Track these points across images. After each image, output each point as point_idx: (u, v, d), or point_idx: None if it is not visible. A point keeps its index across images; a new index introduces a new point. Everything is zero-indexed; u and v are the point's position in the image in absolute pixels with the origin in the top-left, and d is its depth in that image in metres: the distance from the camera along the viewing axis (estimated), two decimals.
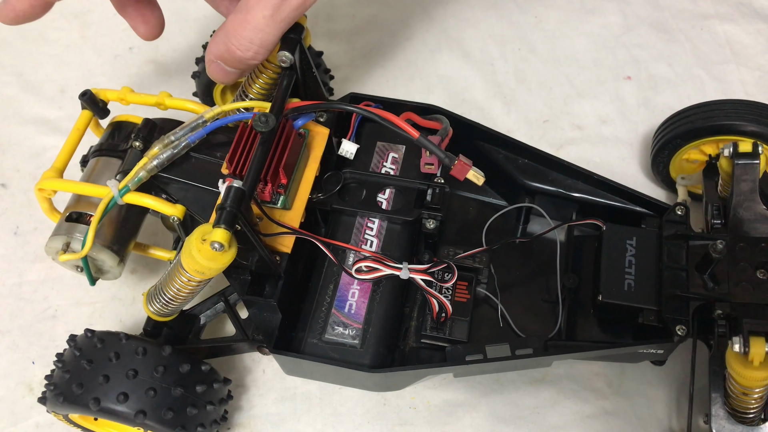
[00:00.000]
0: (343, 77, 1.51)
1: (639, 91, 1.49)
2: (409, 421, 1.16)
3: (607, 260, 1.03)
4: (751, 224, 0.99)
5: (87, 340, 1.00)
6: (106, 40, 1.58)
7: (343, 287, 1.03)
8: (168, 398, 0.96)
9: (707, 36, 1.55)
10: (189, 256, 0.83)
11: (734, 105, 1.14)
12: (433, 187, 1.05)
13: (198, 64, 1.30)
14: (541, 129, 1.45)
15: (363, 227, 1.05)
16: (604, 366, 1.19)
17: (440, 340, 1.03)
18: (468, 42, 1.57)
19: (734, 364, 0.89)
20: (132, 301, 1.27)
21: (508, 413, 1.16)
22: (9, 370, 1.22)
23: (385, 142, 1.12)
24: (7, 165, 1.42)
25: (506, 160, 1.15)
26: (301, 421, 1.17)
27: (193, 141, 1.00)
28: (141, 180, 0.98)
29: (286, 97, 1.00)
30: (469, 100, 1.49)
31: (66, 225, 1.02)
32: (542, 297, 1.12)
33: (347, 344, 0.99)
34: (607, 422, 1.15)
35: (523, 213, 1.16)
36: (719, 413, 0.97)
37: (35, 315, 1.27)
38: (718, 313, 0.93)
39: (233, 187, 0.85)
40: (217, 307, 1.14)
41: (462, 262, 1.06)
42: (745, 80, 1.48)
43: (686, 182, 1.21)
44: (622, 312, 1.01)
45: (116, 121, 1.10)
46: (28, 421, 1.18)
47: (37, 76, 1.53)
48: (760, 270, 0.93)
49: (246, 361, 1.21)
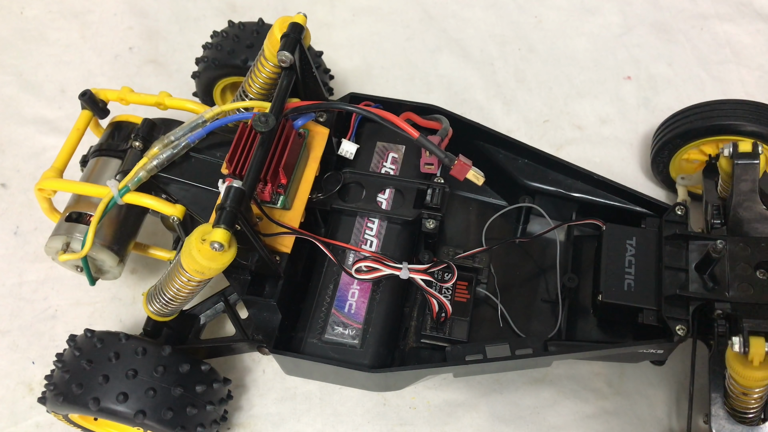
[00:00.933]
0: (343, 77, 1.51)
1: (639, 91, 1.49)
2: (409, 421, 1.16)
3: (607, 260, 1.03)
4: (750, 224, 0.99)
5: (87, 340, 1.00)
6: (106, 40, 1.58)
7: (343, 287, 1.03)
8: (168, 398, 0.96)
9: (707, 36, 1.55)
10: (189, 256, 0.83)
11: (734, 105, 1.14)
12: (433, 187, 1.05)
13: (198, 64, 1.30)
14: (541, 129, 1.45)
15: (363, 227, 1.05)
16: (604, 366, 1.19)
17: (440, 340, 1.03)
18: (468, 42, 1.57)
19: (734, 364, 0.89)
20: (132, 301, 1.27)
21: (508, 413, 1.16)
22: (9, 370, 1.22)
23: (385, 142, 1.12)
24: (7, 165, 1.42)
25: (506, 160, 1.15)
26: (301, 421, 1.17)
27: (193, 141, 1.00)
28: (141, 180, 0.98)
29: (286, 97, 1.00)
30: (469, 100, 1.49)
31: (66, 225, 1.02)
32: (542, 297, 1.11)
33: (347, 344, 0.99)
34: (607, 422, 1.15)
35: (523, 213, 1.16)
36: (719, 413, 0.96)
37: (35, 315, 1.27)
38: (718, 313, 0.93)
39: (233, 187, 0.85)
40: (217, 307, 1.14)
41: (462, 262, 1.06)
42: (745, 80, 1.49)
43: (686, 182, 1.21)
44: (622, 312, 1.01)
45: (116, 121, 1.10)
46: (28, 421, 1.18)
47: (37, 76, 1.53)
48: (760, 270, 0.93)
49: (246, 361, 1.21)
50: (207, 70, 1.26)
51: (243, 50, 1.22)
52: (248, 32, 1.24)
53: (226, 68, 1.24)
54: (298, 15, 1.02)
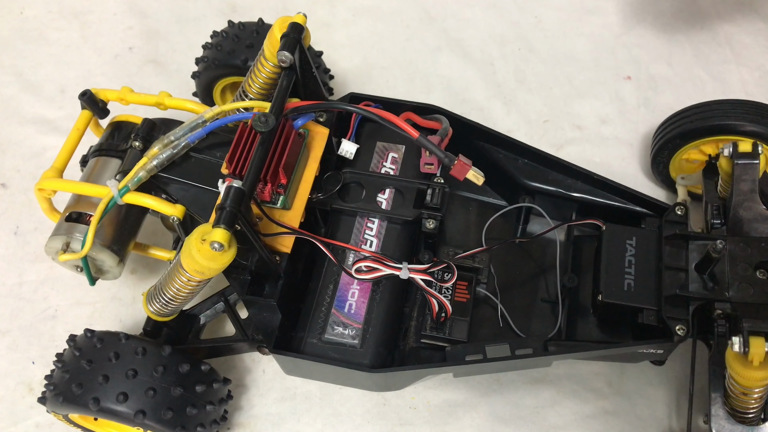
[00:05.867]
0: (343, 77, 1.51)
1: (639, 91, 1.49)
2: (409, 421, 1.16)
3: (607, 260, 1.03)
4: (750, 224, 0.99)
5: (87, 340, 1.00)
6: (106, 40, 1.58)
7: (342, 287, 1.03)
8: (167, 398, 0.96)
9: (707, 36, 1.55)
10: (189, 256, 0.83)
11: (734, 105, 1.14)
12: (433, 187, 1.05)
13: (198, 64, 1.30)
14: (541, 129, 1.45)
15: (363, 227, 1.05)
16: (604, 366, 1.19)
17: (440, 340, 1.03)
18: (468, 42, 1.57)
19: (734, 364, 0.89)
20: (132, 301, 1.27)
21: (508, 413, 1.16)
22: (9, 370, 1.22)
23: (385, 142, 1.12)
24: (7, 165, 1.42)
25: (506, 160, 1.15)
26: (301, 421, 1.17)
27: (192, 141, 1.00)
28: (141, 180, 0.98)
29: (286, 97, 1.00)
30: (469, 100, 1.49)
31: (66, 225, 1.02)
32: (542, 297, 1.11)
33: (347, 344, 0.99)
34: (607, 422, 1.15)
35: (523, 213, 1.16)
36: (719, 413, 0.96)
37: (35, 315, 1.27)
38: (717, 313, 0.93)
39: (233, 187, 0.85)
40: (217, 307, 1.14)
41: (462, 262, 1.06)
42: (745, 80, 1.48)
43: (686, 182, 1.21)
44: (622, 312, 1.01)
45: (116, 121, 1.10)
46: (28, 421, 1.18)
47: (37, 76, 1.53)
48: (760, 270, 0.93)
49: (246, 361, 1.22)
50: (207, 70, 1.26)
51: (243, 50, 1.22)
52: (248, 32, 1.24)
53: (226, 68, 1.24)
54: (298, 15, 1.02)
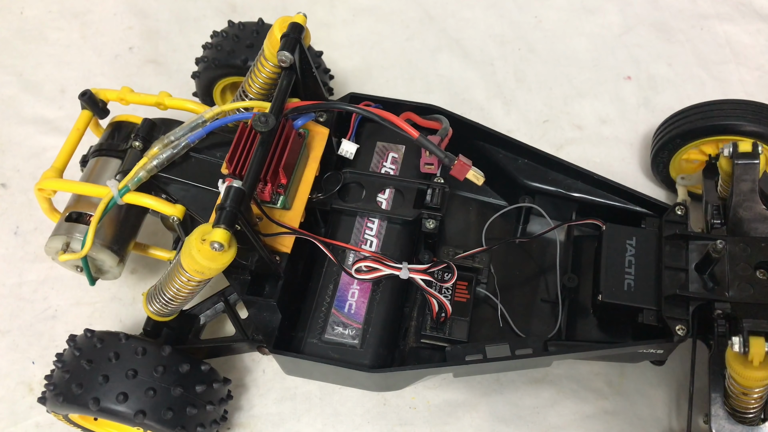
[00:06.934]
0: (343, 77, 1.51)
1: (639, 91, 1.49)
2: (409, 421, 1.16)
3: (607, 260, 1.03)
4: (750, 224, 0.99)
5: (87, 340, 1.00)
6: (106, 40, 1.58)
7: (342, 287, 1.03)
8: (167, 398, 0.96)
9: (707, 36, 1.55)
10: (189, 256, 0.83)
11: (734, 105, 1.14)
12: (433, 187, 1.05)
13: (198, 64, 1.30)
14: (541, 129, 1.45)
15: (363, 227, 1.05)
16: (604, 366, 1.19)
17: (440, 340, 1.03)
18: (468, 42, 1.57)
19: (734, 364, 0.89)
20: (132, 301, 1.27)
21: (508, 413, 1.16)
22: (9, 370, 1.22)
23: (385, 142, 1.12)
24: (7, 165, 1.42)
25: (506, 160, 1.15)
26: (301, 421, 1.17)
27: (192, 141, 1.00)
28: (141, 180, 0.98)
29: (286, 97, 1.00)
30: (469, 100, 1.49)
31: (66, 225, 1.02)
32: (542, 297, 1.11)
33: (347, 344, 0.99)
34: (607, 422, 1.15)
35: (523, 213, 1.16)
36: (719, 413, 0.96)
37: (35, 315, 1.27)
38: (718, 313, 0.93)
39: (233, 187, 0.85)
40: (217, 307, 1.14)
41: (462, 262, 1.06)
42: (745, 80, 1.49)
43: (686, 182, 1.21)
44: (622, 312, 1.01)
45: (116, 121, 1.10)
46: (28, 421, 1.18)
47: (37, 76, 1.53)
48: (759, 270, 0.93)
49: (246, 361, 1.22)
50: (207, 70, 1.26)
51: (243, 50, 1.22)
52: (248, 32, 1.24)
53: (226, 68, 1.24)
54: (298, 15, 1.02)
